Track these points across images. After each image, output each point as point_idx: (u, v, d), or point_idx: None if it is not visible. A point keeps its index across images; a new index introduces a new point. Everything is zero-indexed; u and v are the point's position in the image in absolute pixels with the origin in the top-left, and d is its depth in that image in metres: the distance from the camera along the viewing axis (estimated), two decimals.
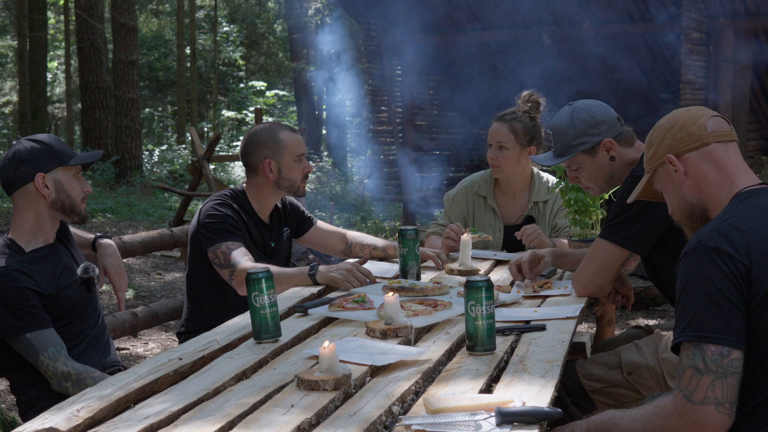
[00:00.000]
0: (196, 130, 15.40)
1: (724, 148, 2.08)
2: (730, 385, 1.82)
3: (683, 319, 1.88)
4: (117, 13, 16.40)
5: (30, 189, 2.66)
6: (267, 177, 3.34)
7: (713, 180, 2.06)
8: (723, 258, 1.87)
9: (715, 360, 1.82)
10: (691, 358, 1.85)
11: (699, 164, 2.07)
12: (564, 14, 8.80)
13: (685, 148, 2.09)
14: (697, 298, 1.86)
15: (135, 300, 7.31)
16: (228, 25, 26.75)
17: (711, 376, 1.82)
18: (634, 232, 2.78)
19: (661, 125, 2.17)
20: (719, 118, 2.13)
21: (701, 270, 1.88)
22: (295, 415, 1.73)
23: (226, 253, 3.14)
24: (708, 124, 2.09)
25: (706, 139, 2.07)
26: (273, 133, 3.35)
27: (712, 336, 1.83)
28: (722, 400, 1.82)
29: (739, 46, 8.29)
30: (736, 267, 1.86)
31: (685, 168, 2.09)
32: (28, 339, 2.56)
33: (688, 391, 1.84)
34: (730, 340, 1.82)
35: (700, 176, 2.07)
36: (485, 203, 3.90)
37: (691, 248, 1.93)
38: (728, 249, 1.87)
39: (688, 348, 1.86)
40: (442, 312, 2.54)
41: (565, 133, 2.94)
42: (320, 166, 19.66)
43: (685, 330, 1.86)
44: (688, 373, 1.85)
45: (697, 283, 1.87)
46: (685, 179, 2.09)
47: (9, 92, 26.00)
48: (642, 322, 6.07)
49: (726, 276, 1.85)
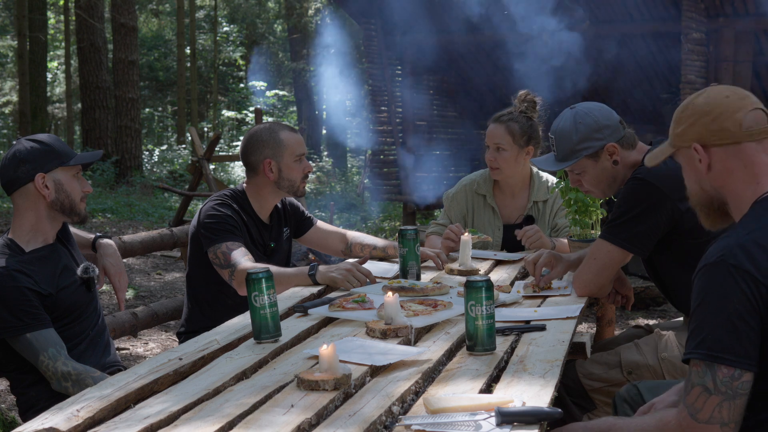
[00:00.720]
0: (196, 130, 15.39)
1: (757, 146, 1.95)
2: (738, 407, 1.79)
3: (697, 335, 1.83)
4: (117, 13, 16.41)
5: (30, 189, 2.66)
6: (267, 177, 3.34)
7: (739, 177, 1.95)
8: (745, 278, 1.80)
9: (725, 382, 1.79)
10: (701, 377, 1.81)
11: (727, 160, 1.96)
12: (564, 14, 8.80)
13: (715, 141, 1.96)
14: (713, 315, 1.82)
15: (135, 300, 7.31)
16: (228, 25, 26.76)
17: (719, 397, 1.79)
18: (635, 234, 2.77)
19: (696, 105, 2.01)
20: (758, 112, 1.98)
21: (720, 288, 1.82)
22: (295, 415, 1.73)
23: (227, 254, 3.14)
24: (745, 121, 1.95)
25: (738, 138, 1.94)
26: (273, 132, 3.35)
27: (724, 357, 1.79)
28: (728, 420, 1.79)
29: (739, 46, 8.29)
30: (757, 289, 1.80)
31: (710, 160, 1.97)
32: (28, 339, 2.56)
33: (694, 408, 1.81)
34: (743, 363, 1.79)
35: (725, 171, 1.96)
36: (485, 202, 3.90)
37: (712, 262, 1.85)
38: (751, 269, 1.81)
39: (699, 366, 1.82)
40: (442, 312, 2.54)
41: (568, 138, 2.91)
42: (320, 166, 19.67)
43: (698, 347, 1.82)
44: (696, 391, 1.81)
45: (715, 300, 1.82)
46: (708, 171, 1.98)
47: (9, 92, 26.00)
48: (642, 322, 6.07)
49: (746, 297, 1.80)
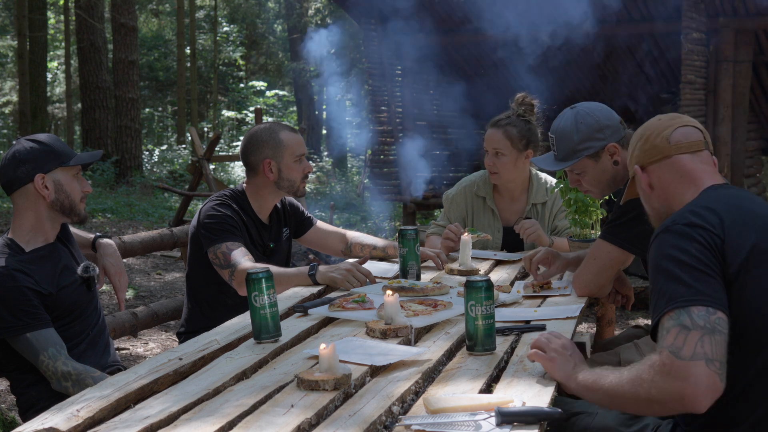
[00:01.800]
0: (196, 130, 15.39)
1: (691, 157, 2.10)
2: (719, 343, 1.75)
3: (664, 293, 1.83)
4: (117, 13, 16.40)
5: (30, 189, 2.66)
6: (267, 177, 3.34)
7: (677, 187, 2.09)
8: (698, 231, 1.87)
9: (701, 316, 1.76)
10: (675, 318, 1.78)
11: (662, 174, 2.12)
12: (564, 14, 8.80)
13: (649, 160, 2.14)
14: (676, 269, 1.83)
15: (135, 300, 7.31)
16: (228, 25, 26.75)
17: (699, 331, 1.75)
18: (635, 234, 2.77)
19: (635, 135, 2.22)
20: (688, 128, 2.13)
21: (678, 244, 1.87)
22: (295, 415, 1.73)
23: (226, 254, 3.14)
24: (672, 137, 2.11)
25: (668, 152, 2.11)
26: (273, 133, 3.35)
27: (696, 298, 1.79)
28: (712, 356, 1.73)
29: (739, 46, 8.28)
30: (711, 238, 1.86)
31: (649, 179, 2.14)
32: (28, 339, 2.56)
33: (675, 347, 1.74)
34: (714, 303, 1.79)
35: (663, 186, 2.12)
36: (484, 204, 3.89)
37: (665, 227, 1.93)
38: (702, 223, 1.89)
39: (672, 312, 1.79)
40: (442, 312, 2.54)
41: (569, 138, 2.91)
42: (320, 166, 19.67)
43: (670, 301, 1.80)
44: (674, 331, 1.76)
45: (674, 256, 1.86)
46: (650, 190, 2.15)
47: (9, 92, 26.00)
48: (642, 322, 6.07)
49: (702, 246, 1.85)
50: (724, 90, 8.24)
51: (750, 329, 1.86)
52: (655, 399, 1.77)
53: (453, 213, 3.94)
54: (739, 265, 1.86)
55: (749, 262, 1.86)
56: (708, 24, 8.07)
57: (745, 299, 1.85)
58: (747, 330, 1.85)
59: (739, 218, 1.92)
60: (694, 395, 1.73)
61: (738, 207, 1.96)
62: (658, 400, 1.77)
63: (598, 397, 1.93)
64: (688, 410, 1.76)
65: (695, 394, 1.73)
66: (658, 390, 1.76)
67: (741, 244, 1.88)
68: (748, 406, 1.89)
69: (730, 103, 8.27)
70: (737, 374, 1.85)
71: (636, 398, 1.81)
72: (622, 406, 1.92)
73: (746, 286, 1.85)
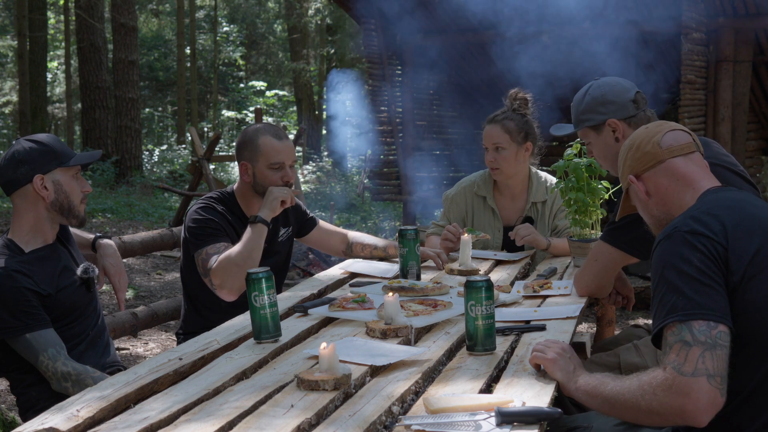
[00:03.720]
0: (196, 130, 15.39)
1: (684, 160, 2.12)
2: (720, 358, 1.76)
3: (665, 304, 1.84)
4: (117, 13, 16.41)
5: (29, 190, 2.66)
6: (244, 179, 3.32)
7: (674, 191, 2.10)
8: (700, 240, 1.87)
9: (703, 332, 1.77)
10: (677, 334, 1.80)
11: (657, 180, 2.13)
12: (564, 14, 8.80)
13: (643, 167, 2.14)
14: (678, 280, 1.84)
15: (135, 300, 7.31)
16: (228, 25, 26.76)
17: (700, 347, 1.76)
18: (635, 236, 2.77)
19: (623, 146, 2.23)
20: (676, 132, 2.16)
21: (680, 253, 1.87)
22: (295, 415, 1.73)
23: (205, 260, 3.11)
24: (662, 141, 2.13)
25: (660, 157, 2.12)
26: (255, 135, 3.28)
27: (696, 312, 1.79)
28: (713, 372, 1.75)
29: (739, 46, 8.28)
30: (714, 247, 1.86)
31: (646, 187, 2.15)
32: (27, 339, 2.56)
33: (677, 363, 1.77)
34: (715, 316, 1.79)
35: (661, 191, 2.13)
36: (485, 204, 3.89)
37: (667, 234, 1.93)
38: (704, 231, 1.88)
39: (673, 327, 1.81)
40: (442, 312, 2.54)
41: (577, 106, 2.97)
42: (320, 166, 19.66)
43: (670, 313, 1.82)
44: (676, 347, 1.78)
45: (676, 266, 1.86)
46: (648, 197, 2.15)
47: (9, 92, 26.00)
48: (642, 322, 6.07)
49: (705, 256, 1.85)
50: (724, 90, 8.24)
51: (755, 335, 1.86)
52: (656, 411, 1.80)
53: (453, 213, 3.94)
54: (743, 271, 1.85)
55: (753, 267, 1.86)
56: (708, 24, 8.07)
57: (749, 305, 1.85)
58: (752, 336, 1.85)
59: (741, 223, 1.91)
60: (695, 411, 1.75)
61: (740, 211, 1.95)
62: (659, 412, 1.79)
63: (597, 403, 1.94)
64: (687, 424, 1.79)
65: (696, 410, 1.75)
66: (659, 403, 1.79)
67: (745, 250, 1.87)
68: (753, 412, 1.88)
69: (730, 103, 8.26)
70: (742, 380, 1.85)
71: (636, 408, 1.83)
72: (622, 414, 1.93)
73: (751, 292, 1.85)
